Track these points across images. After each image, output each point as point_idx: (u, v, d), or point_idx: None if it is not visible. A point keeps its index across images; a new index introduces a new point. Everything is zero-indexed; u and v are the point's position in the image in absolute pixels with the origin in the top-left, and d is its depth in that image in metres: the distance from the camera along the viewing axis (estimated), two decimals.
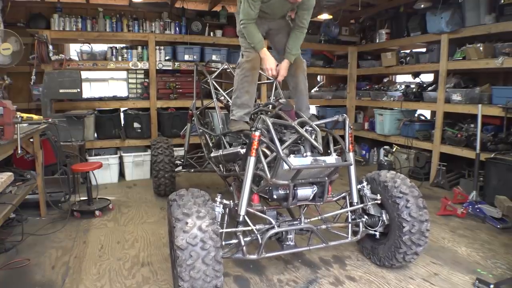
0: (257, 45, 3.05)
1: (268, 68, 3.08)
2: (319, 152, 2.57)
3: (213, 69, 4.84)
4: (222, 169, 3.59)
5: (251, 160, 2.51)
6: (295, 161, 2.42)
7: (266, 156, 2.59)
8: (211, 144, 3.87)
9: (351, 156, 2.74)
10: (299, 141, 2.67)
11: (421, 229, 2.69)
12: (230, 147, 3.34)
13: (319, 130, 2.62)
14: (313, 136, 2.60)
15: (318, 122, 2.74)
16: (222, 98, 4.26)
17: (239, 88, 3.20)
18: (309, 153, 2.54)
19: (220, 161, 3.47)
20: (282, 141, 2.60)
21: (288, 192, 2.55)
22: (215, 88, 4.06)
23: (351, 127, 2.81)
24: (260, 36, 3.06)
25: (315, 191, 2.65)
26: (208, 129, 4.09)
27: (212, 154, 3.54)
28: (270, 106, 3.68)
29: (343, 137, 2.80)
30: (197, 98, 4.68)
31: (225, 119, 3.77)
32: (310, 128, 2.63)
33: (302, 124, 2.65)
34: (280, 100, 2.87)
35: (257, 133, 2.51)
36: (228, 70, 4.67)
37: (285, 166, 2.36)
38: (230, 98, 4.02)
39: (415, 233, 2.68)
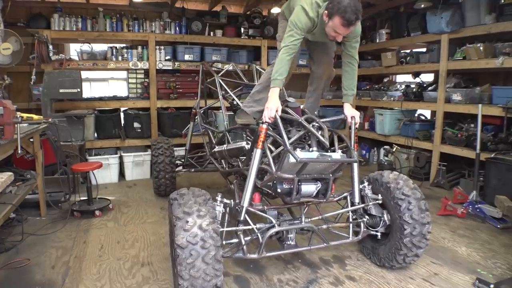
0: (275, 80, 2.71)
1: (269, 107, 2.61)
2: (325, 148, 2.58)
3: (214, 69, 4.86)
4: (224, 165, 3.59)
5: (258, 153, 2.52)
6: (302, 155, 2.42)
7: (271, 151, 2.61)
8: (214, 141, 3.89)
9: (355, 154, 2.75)
10: (303, 139, 2.68)
11: (422, 232, 2.68)
12: None
13: (325, 127, 2.65)
14: (320, 133, 2.61)
15: (324, 120, 2.77)
16: (228, 95, 4.25)
17: (263, 83, 3.19)
18: (315, 149, 2.55)
19: (224, 156, 3.49)
20: (288, 137, 2.61)
21: (292, 187, 2.54)
22: (222, 87, 4.07)
23: (357, 126, 2.84)
24: (284, 75, 2.73)
25: (319, 187, 2.64)
26: (212, 127, 4.10)
27: (216, 149, 3.55)
28: None
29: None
30: (201, 97, 4.69)
31: (229, 118, 3.80)
32: (316, 125, 2.66)
33: (309, 121, 2.68)
34: (287, 98, 2.89)
35: (265, 126, 2.53)
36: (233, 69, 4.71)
37: (291, 159, 2.37)
38: (237, 97, 4.02)
39: (416, 235, 2.67)
